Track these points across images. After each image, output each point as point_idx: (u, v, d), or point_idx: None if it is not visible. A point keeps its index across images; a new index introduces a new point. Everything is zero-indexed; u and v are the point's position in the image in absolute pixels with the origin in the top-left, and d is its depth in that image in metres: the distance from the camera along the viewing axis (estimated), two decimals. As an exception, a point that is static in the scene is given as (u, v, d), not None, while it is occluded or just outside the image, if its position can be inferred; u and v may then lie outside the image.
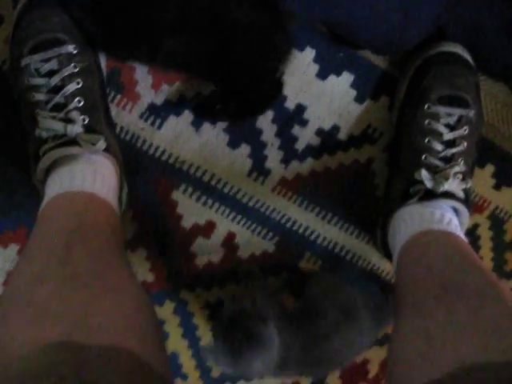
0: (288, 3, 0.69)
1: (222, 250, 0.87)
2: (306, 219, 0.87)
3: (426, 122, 0.75)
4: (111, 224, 0.64)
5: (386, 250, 0.82)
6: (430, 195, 0.73)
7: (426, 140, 0.74)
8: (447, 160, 0.74)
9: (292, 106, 0.80)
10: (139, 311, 0.54)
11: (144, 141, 0.79)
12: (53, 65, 0.67)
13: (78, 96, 0.68)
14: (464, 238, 0.71)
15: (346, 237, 0.89)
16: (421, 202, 0.73)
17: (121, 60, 0.74)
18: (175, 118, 0.79)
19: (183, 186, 0.82)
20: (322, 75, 0.79)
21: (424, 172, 0.73)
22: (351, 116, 0.82)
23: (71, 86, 0.67)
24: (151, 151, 0.80)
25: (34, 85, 0.67)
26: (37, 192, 0.71)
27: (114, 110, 0.76)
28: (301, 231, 0.87)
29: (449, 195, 0.72)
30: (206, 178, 0.82)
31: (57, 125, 0.67)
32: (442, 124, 0.74)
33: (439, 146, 0.74)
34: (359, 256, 0.90)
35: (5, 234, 0.82)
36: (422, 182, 0.73)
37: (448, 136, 0.74)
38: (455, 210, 0.74)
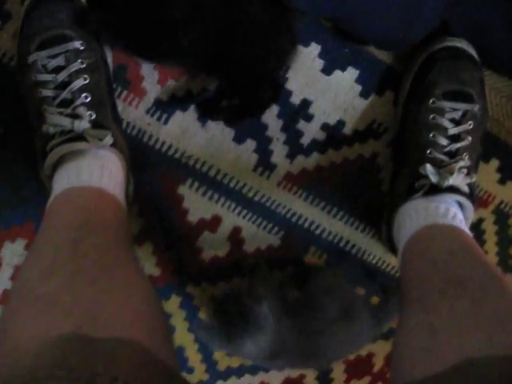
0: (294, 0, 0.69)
1: (227, 244, 0.88)
2: (312, 213, 0.87)
3: (431, 116, 0.75)
4: (118, 219, 0.65)
5: (390, 244, 0.82)
6: (435, 190, 0.73)
7: (431, 135, 0.75)
8: (452, 155, 0.74)
9: (297, 101, 0.80)
10: (147, 304, 0.54)
11: (150, 136, 0.80)
12: (60, 61, 0.68)
13: (84, 92, 0.68)
14: (469, 232, 0.71)
15: (351, 231, 0.89)
16: (426, 196, 0.73)
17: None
18: (181, 114, 0.79)
19: (189, 180, 0.83)
20: (327, 70, 0.79)
21: (429, 167, 0.73)
22: (356, 111, 0.82)
23: (78, 82, 0.68)
24: (157, 146, 0.80)
25: (41, 81, 0.68)
26: (44, 187, 0.71)
27: (120, 106, 0.77)
28: (306, 225, 0.88)
29: (454, 190, 0.73)
30: (211, 173, 0.83)
31: (64, 120, 0.67)
32: (446, 119, 0.74)
33: (444, 141, 0.74)
34: (364, 250, 0.91)
35: (12, 229, 0.82)
36: (427, 177, 0.73)
37: (453, 131, 0.74)
38: (460, 205, 0.74)
